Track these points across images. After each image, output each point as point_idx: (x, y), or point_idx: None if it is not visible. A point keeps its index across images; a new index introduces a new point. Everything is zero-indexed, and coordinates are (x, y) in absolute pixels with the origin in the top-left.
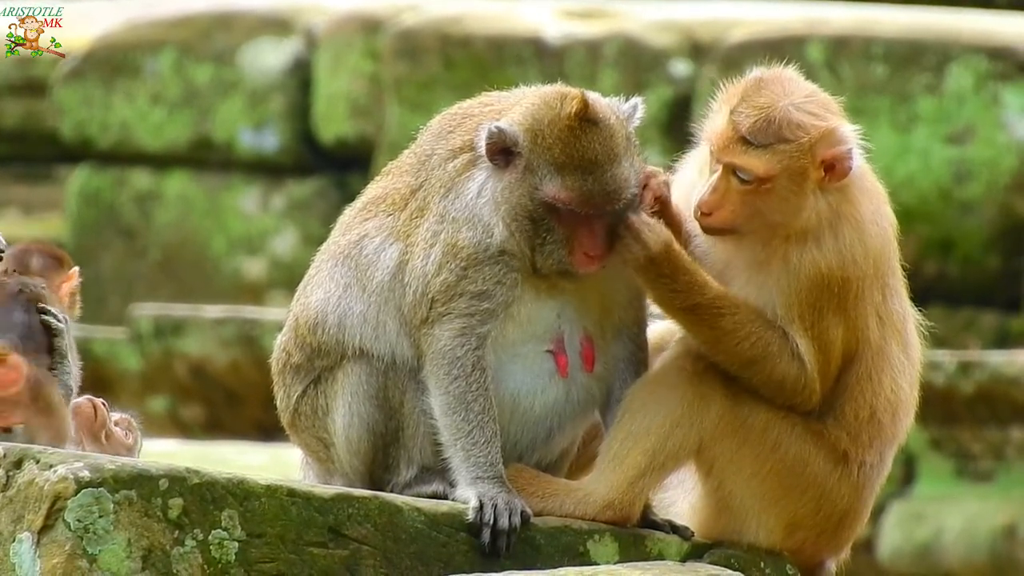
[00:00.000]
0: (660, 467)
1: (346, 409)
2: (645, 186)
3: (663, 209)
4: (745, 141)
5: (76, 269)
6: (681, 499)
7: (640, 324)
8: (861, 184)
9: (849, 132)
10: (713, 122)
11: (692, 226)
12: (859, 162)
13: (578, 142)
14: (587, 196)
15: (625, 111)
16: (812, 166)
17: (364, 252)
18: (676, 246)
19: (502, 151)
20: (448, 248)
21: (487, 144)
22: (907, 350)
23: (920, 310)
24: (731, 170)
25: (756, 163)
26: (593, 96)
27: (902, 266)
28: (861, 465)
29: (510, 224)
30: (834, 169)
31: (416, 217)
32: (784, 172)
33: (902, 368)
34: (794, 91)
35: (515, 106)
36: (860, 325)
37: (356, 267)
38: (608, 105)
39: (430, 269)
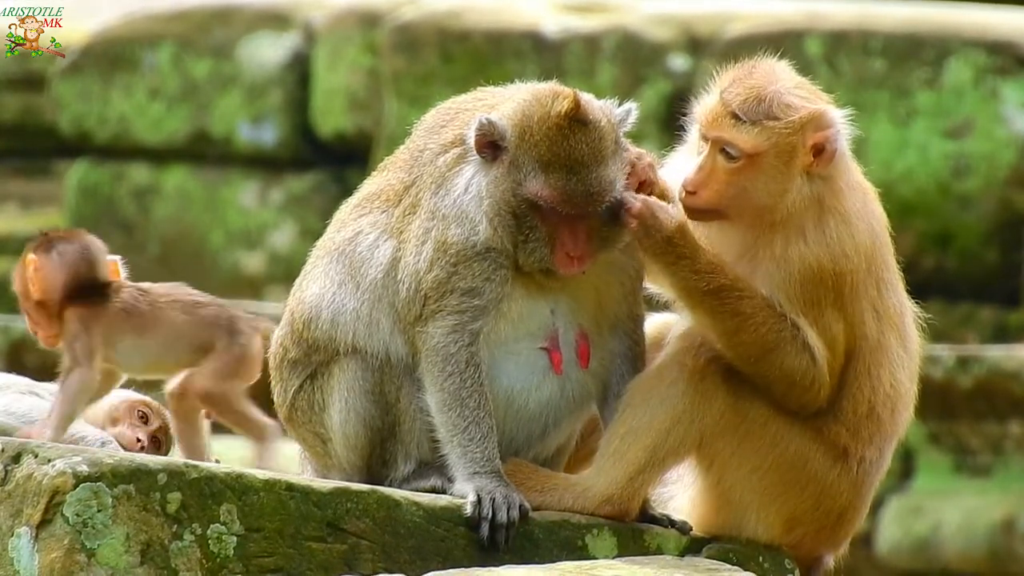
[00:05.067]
0: (660, 463)
1: (342, 404)
2: (631, 172)
3: (650, 193)
4: (735, 116)
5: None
6: (680, 494)
7: (636, 319)
8: (848, 179)
9: (838, 116)
10: (703, 103)
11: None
12: (845, 146)
13: (565, 141)
14: (569, 195)
15: (618, 115)
16: (801, 148)
17: (358, 249)
18: (690, 226)
19: (490, 144)
20: (439, 245)
21: (476, 135)
22: (905, 343)
23: (918, 304)
24: (719, 148)
25: (745, 138)
26: (586, 97)
27: (899, 260)
28: (860, 461)
29: (492, 219)
30: (822, 152)
31: (409, 214)
32: (772, 149)
33: (900, 362)
34: (784, 78)
35: (508, 101)
36: (856, 321)
37: (350, 264)
38: (601, 107)
39: (422, 266)
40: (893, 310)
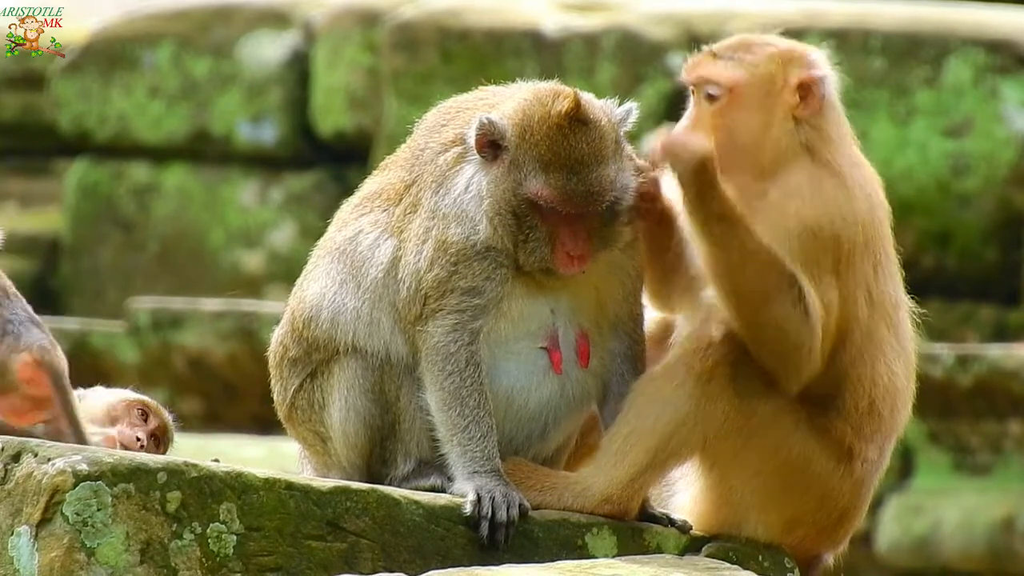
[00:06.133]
0: (662, 464)
1: (342, 403)
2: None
3: (652, 204)
4: (713, 55)
5: None
6: (680, 492)
7: (636, 319)
8: (839, 131)
9: (823, 60)
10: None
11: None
12: (835, 97)
13: (565, 141)
14: (569, 195)
15: (618, 115)
16: (781, 81)
17: (359, 248)
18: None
19: (490, 143)
20: (439, 244)
21: (476, 135)
22: (898, 336)
23: (918, 303)
24: (702, 92)
25: (723, 71)
26: (586, 96)
27: (898, 259)
28: (863, 462)
29: (492, 219)
30: (809, 94)
31: (409, 213)
32: (753, 81)
33: (895, 354)
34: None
35: (508, 100)
36: (850, 299)
37: (351, 263)
38: (601, 107)
39: (423, 265)
40: (888, 300)
